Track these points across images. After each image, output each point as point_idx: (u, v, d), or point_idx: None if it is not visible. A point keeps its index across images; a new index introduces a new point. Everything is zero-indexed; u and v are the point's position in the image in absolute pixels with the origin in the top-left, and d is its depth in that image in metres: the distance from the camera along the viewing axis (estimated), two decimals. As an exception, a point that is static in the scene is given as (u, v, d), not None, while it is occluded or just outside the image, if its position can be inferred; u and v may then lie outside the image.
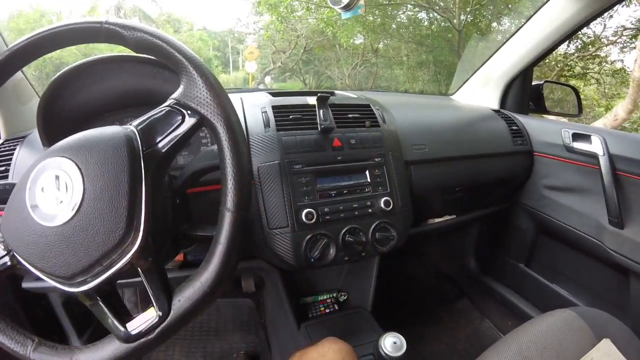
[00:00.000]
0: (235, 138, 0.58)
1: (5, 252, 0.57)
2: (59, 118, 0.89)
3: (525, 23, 1.47)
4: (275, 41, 10.00)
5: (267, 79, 10.87)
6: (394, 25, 8.52)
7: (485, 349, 0.85)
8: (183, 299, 0.54)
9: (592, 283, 1.41)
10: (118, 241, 0.51)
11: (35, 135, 0.98)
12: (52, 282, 0.53)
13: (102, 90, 0.93)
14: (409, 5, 8.15)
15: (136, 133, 0.57)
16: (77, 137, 0.58)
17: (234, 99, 1.07)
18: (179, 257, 1.03)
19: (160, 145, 0.58)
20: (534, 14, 1.44)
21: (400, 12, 8.51)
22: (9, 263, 0.57)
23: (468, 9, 7.82)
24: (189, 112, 0.59)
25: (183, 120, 0.58)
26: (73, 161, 0.53)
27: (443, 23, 8.29)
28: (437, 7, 8.16)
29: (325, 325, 1.15)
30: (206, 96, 0.58)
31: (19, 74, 1.12)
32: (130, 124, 0.59)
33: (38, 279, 0.54)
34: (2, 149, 0.98)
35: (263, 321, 1.54)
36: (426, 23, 8.54)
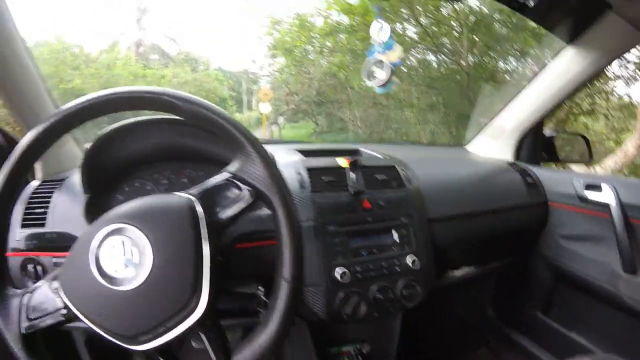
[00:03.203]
0: (290, 214, 0.63)
1: (63, 306, 0.59)
2: (101, 168, 0.95)
3: (536, 76, 1.53)
4: (289, 83, 10.08)
5: (280, 120, 10.96)
6: (404, 68, 8.64)
7: None
8: (242, 357, 0.58)
9: (609, 330, 1.41)
10: (183, 305, 0.54)
11: (72, 179, 1.01)
12: (111, 339, 0.56)
13: (143, 146, 1.00)
14: (418, 49, 8.27)
15: (197, 203, 0.61)
16: (140, 204, 0.62)
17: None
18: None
19: (221, 216, 0.63)
20: (545, 67, 1.49)
21: (409, 55, 8.62)
22: (65, 316, 0.59)
23: (475, 51, 7.92)
24: (248, 187, 0.64)
25: (242, 194, 0.63)
26: (140, 229, 0.57)
27: (451, 65, 8.38)
28: (446, 50, 8.28)
29: None
30: (264, 173, 0.63)
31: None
32: (188, 192, 0.64)
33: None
34: (40, 191, 1.00)
35: None
36: (435, 65, 8.64)
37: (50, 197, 0.98)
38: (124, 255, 0.56)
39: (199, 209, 0.61)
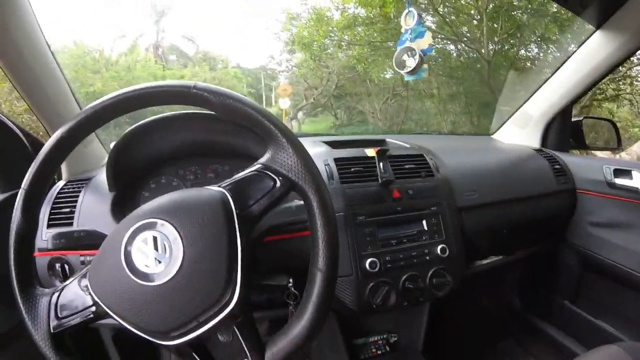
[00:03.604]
0: (325, 203, 0.62)
1: (92, 303, 0.59)
2: (126, 165, 0.95)
3: (564, 62, 1.51)
4: (308, 78, 10.08)
5: (300, 115, 10.99)
6: (423, 59, 8.53)
7: None
8: (277, 350, 0.57)
9: (638, 317, 1.40)
10: (216, 301, 0.54)
11: (99, 178, 1.02)
12: (143, 335, 0.56)
13: (175, 141, 1.00)
14: (437, 39, 8.19)
15: (228, 195, 0.61)
16: (171, 198, 0.61)
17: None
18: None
19: (253, 208, 0.62)
20: (573, 53, 1.47)
21: (429, 45, 8.54)
22: (93, 314, 0.59)
23: (496, 39, 7.82)
24: (280, 177, 0.63)
25: (275, 186, 0.62)
26: (171, 224, 0.56)
27: (471, 54, 8.28)
28: (465, 39, 8.18)
29: None
30: (297, 163, 0.62)
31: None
32: (219, 185, 0.63)
33: None
34: (66, 191, 1.01)
35: None
36: (455, 55, 8.55)
37: (77, 196, 0.99)
38: (155, 250, 0.55)
39: (231, 201, 0.60)
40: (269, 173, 0.63)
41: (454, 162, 1.27)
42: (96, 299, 0.57)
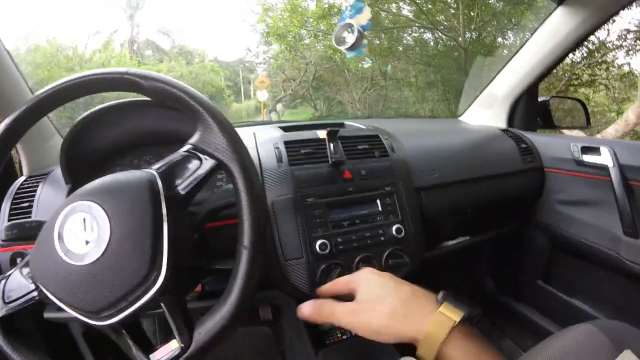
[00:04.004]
0: (250, 180, 0.62)
1: (34, 287, 0.61)
2: (80, 157, 0.94)
3: (527, 41, 1.50)
4: (285, 69, 10.12)
5: (279, 107, 10.98)
6: (400, 48, 8.59)
7: None
8: (204, 332, 0.57)
9: (611, 295, 1.39)
10: (142, 278, 0.54)
11: (57, 172, 1.01)
12: (78, 316, 0.57)
13: (122, 131, 0.99)
14: (414, 27, 8.23)
15: (157, 176, 0.61)
16: (102, 181, 0.62)
17: (247, 133, 1.12)
18: (198, 288, 1.05)
19: (180, 187, 0.62)
20: (535, 31, 1.46)
21: (406, 35, 8.60)
22: (37, 297, 0.61)
23: (472, 27, 7.88)
24: (206, 157, 0.63)
25: (201, 165, 0.63)
26: (99, 204, 0.57)
27: (449, 42, 8.34)
28: (442, 27, 8.23)
29: (342, 352, 1.15)
30: (222, 142, 0.62)
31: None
32: (151, 168, 0.63)
33: (60, 309, 0.58)
34: (26, 185, 1.02)
35: (282, 349, 1.54)
36: (432, 43, 8.61)
37: (35, 190, 1.00)
38: (85, 231, 0.56)
39: (159, 182, 0.61)
40: (197, 153, 0.64)
41: (414, 143, 1.25)
42: (37, 283, 0.60)
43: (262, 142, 1.08)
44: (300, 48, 9.18)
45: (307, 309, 0.73)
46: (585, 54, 7.87)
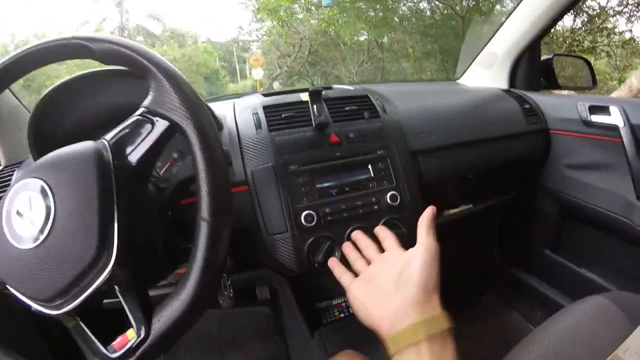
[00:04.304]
0: (207, 140, 0.54)
1: None
2: (50, 138, 0.88)
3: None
4: (280, 46, 10.11)
5: (276, 84, 10.95)
6: (396, 18, 8.52)
7: (514, 342, 0.80)
8: (163, 319, 0.51)
9: (624, 265, 1.33)
10: (92, 260, 0.50)
11: (31, 160, 0.98)
12: (33, 305, 0.53)
13: (91, 107, 0.91)
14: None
15: (107, 146, 0.56)
16: (49, 155, 0.58)
17: (227, 104, 1.05)
18: (182, 270, 1.00)
19: (131, 156, 0.56)
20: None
21: (401, 5, 8.50)
22: None
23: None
24: (157, 119, 0.56)
25: (153, 128, 0.56)
26: (43, 180, 0.53)
27: (445, 11, 8.25)
28: (438, -5, 8.14)
29: (339, 332, 1.11)
30: (175, 100, 0.55)
31: (13, 100, 1.15)
32: (104, 138, 0.57)
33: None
34: (3, 175, 0.98)
35: (281, 329, 1.50)
36: (429, 13, 8.51)
37: (10, 179, 0.96)
38: (30, 211, 0.52)
39: (109, 152, 0.56)
40: (149, 116, 0.57)
41: (408, 104, 1.17)
42: None
43: (240, 109, 1.01)
44: (293, 23, 9.12)
45: (335, 268, 0.77)
46: (585, 20, 7.80)
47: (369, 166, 0.96)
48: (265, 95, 1.10)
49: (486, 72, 1.62)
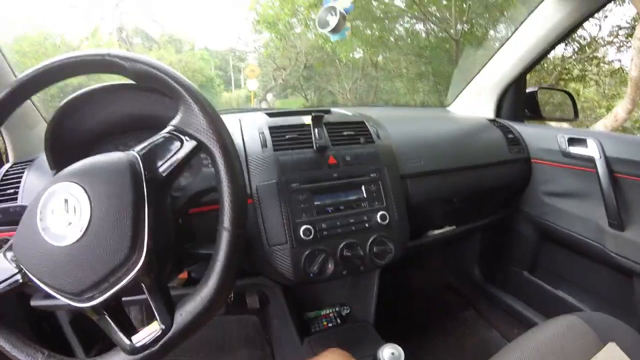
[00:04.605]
0: (230, 161, 0.61)
1: (18, 270, 0.60)
2: (65, 142, 0.92)
3: (515, 31, 1.49)
4: (276, 58, 10.08)
5: (269, 96, 10.91)
6: (392, 38, 8.57)
7: (491, 357, 0.85)
8: (185, 313, 0.57)
9: (597, 287, 1.40)
10: (123, 259, 0.54)
11: (42, 158, 1.00)
12: (61, 298, 0.56)
13: (107, 115, 0.96)
14: (405, 18, 8.20)
15: (138, 158, 0.61)
16: (83, 163, 0.62)
17: (233, 119, 1.11)
18: (183, 275, 1.05)
19: (161, 169, 0.62)
20: (524, 20, 1.45)
21: (397, 25, 8.57)
22: (20, 280, 0.60)
23: (464, 18, 7.86)
24: (187, 138, 0.62)
25: (182, 146, 0.62)
26: (81, 186, 0.57)
27: (440, 34, 8.33)
28: (434, 18, 8.21)
29: (327, 339, 1.16)
30: (203, 123, 0.61)
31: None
32: (133, 150, 0.63)
33: (46, 296, 0.58)
34: (12, 172, 1.01)
35: (268, 337, 1.55)
36: (424, 35, 8.58)
37: (21, 176, 0.99)
38: (67, 212, 0.56)
39: (140, 164, 0.60)
40: (178, 134, 0.63)
41: (400, 130, 1.25)
42: (21, 265, 0.59)
43: (247, 127, 1.07)
44: (290, 36, 9.14)
45: None
46: (576, 49, 7.91)
47: (362, 187, 1.03)
48: (269, 114, 1.16)
49: (474, 101, 1.70)
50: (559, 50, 8.09)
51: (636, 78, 4.43)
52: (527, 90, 1.66)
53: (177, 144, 0.62)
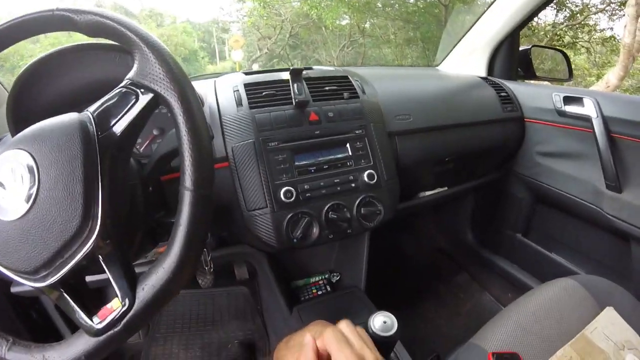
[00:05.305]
0: (190, 111, 0.54)
1: None
2: (30, 114, 0.86)
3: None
4: (260, 27, 9.97)
5: (255, 67, 10.81)
6: (379, 4, 8.46)
7: (485, 322, 0.83)
8: (147, 287, 0.51)
9: (593, 250, 1.38)
10: (76, 230, 0.50)
11: (9, 137, 0.93)
12: (17, 278, 0.52)
13: (71, 82, 0.90)
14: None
15: (91, 118, 0.55)
16: (32, 127, 0.56)
17: (208, 83, 1.05)
18: (162, 248, 1.00)
19: (115, 128, 0.55)
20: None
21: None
22: None
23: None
24: (142, 90, 0.56)
25: (137, 100, 0.56)
26: (28, 152, 0.52)
27: (428, -2, 8.24)
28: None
29: (317, 308, 1.12)
30: (159, 72, 0.55)
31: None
32: (87, 110, 0.57)
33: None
34: None
35: (259, 308, 1.52)
36: (412, 0, 8.48)
37: None
38: (14, 182, 0.52)
39: (93, 124, 0.55)
40: (133, 88, 0.56)
41: (387, 86, 1.19)
42: None
43: (222, 87, 1.01)
44: (274, 4, 8.98)
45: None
46: (567, 15, 7.87)
47: (347, 145, 0.97)
48: (246, 73, 1.10)
49: (465, 60, 1.64)
50: (550, 16, 8.04)
51: (629, 45, 4.43)
52: (520, 49, 1.61)
53: (132, 98, 0.56)
